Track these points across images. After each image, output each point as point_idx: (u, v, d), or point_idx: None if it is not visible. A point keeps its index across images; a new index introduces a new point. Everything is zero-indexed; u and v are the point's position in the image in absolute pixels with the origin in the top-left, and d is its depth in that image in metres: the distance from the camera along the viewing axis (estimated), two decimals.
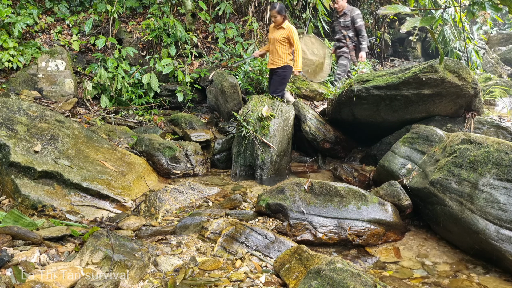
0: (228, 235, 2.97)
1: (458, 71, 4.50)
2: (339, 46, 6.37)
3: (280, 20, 5.48)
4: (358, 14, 6.16)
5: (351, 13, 6.17)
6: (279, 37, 5.52)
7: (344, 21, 6.21)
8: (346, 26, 6.21)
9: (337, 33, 6.39)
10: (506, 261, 2.76)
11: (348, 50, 6.28)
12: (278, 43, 5.55)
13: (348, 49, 6.28)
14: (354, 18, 6.16)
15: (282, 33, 5.53)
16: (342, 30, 6.26)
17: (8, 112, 3.84)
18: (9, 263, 2.28)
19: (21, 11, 6.90)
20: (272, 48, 5.66)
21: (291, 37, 5.52)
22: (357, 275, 2.15)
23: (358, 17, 6.18)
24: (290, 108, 5.46)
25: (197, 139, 5.31)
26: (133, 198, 3.84)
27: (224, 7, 7.62)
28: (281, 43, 5.54)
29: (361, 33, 6.19)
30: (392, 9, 1.93)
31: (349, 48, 6.27)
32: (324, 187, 3.51)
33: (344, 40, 6.26)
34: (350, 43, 6.24)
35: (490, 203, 2.93)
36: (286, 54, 5.61)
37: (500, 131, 4.65)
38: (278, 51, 5.57)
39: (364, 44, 6.19)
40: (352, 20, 6.17)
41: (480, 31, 12.63)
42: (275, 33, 5.58)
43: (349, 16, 6.20)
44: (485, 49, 10.98)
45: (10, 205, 3.26)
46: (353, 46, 6.27)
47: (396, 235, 3.41)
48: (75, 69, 7.06)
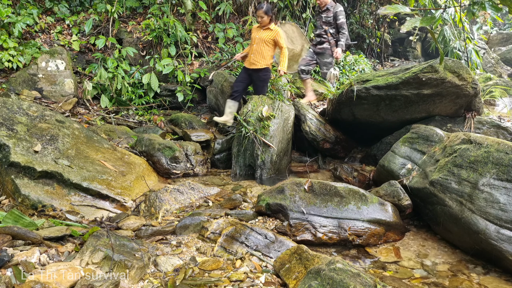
0: (228, 235, 2.97)
1: (458, 71, 4.50)
2: (320, 42, 6.25)
3: (266, 20, 5.44)
4: (341, 11, 6.06)
5: (334, 9, 6.06)
6: (266, 38, 5.47)
7: (326, 16, 6.10)
8: (328, 22, 6.11)
9: (318, 29, 6.27)
10: (506, 261, 2.76)
11: (330, 46, 6.17)
12: (264, 44, 5.49)
13: (330, 45, 6.17)
14: (336, 15, 6.05)
15: (269, 34, 5.48)
16: (324, 25, 6.16)
17: (8, 112, 3.84)
18: (9, 263, 2.28)
19: (21, 11, 6.90)
20: (256, 48, 5.56)
21: (279, 40, 5.49)
22: (357, 275, 2.15)
23: (341, 13, 6.07)
24: (290, 108, 5.46)
25: (197, 139, 5.31)
26: (133, 198, 3.84)
27: (224, 7, 7.63)
28: (267, 44, 5.50)
29: (342, 30, 6.09)
30: (392, 9, 1.93)
31: (331, 44, 6.16)
32: (324, 187, 3.51)
33: (325, 35, 6.15)
34: (332, 39, 6.15)
35: (490, 203, 2.93)
36: (270, 56, 5.58)
37: (500, 131, 4.65)
38: (263, 52, 5.52)
39: (342, 41, 6.07)
40: (335, 16, 6.06)
41: (480, 31, 12.64)
42: (261, 34, 5.52)
43: (332, 12, 6.09)
44: (485, 49, 10.99)
45: (10, 205, 3.26)
46: (335, 42, 6.17)
47: (396, 235, 3.41)
48: (75, 69, 7.06)
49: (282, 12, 8.51)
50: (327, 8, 6.07)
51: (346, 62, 8.27)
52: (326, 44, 6.16)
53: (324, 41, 6.17)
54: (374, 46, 10.82)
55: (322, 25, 6.16)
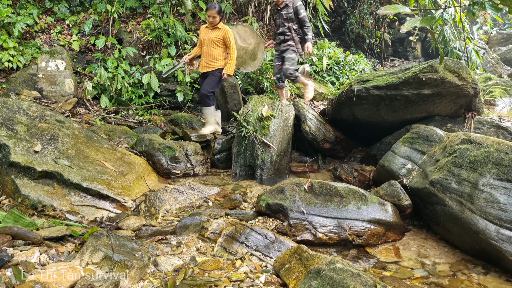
0: (228, 235, 2.97)
1: (458, 71, 4.50)
2: (284, 40, 5.95)
3: (217, 20, 5.23)
4: (300, 5, 5.83)
5: (294, 4, 5.80)
6: (215, 38, 5.24)
7: (287, 13, 5.82)
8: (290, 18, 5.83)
9: (280, 27, 5.94)
10: (506, 261, 2.76)
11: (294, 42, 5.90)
12: (214, 44, 5.27)
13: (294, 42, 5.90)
14: (297, 9, 5.78)
15: (218, 34, 5.25)
16: (285, 22, 5.86)
17: (8, 112, 3.84)
18: (9, 263, 2.28)
19: (21, 11, 6.90)
20: (206, 50, 5.33)
21: (227, 38, 5.25)
22: (357, 275, 2.15)
23: (301, 7, 5.83)
24: (290, 108, 5.46)
25: (197, 139, 5.31)
26: (133, 198, 3.84)
27: (224, 7, 7.62)
28: (217, 44, 5.28)
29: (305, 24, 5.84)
30: (392, 9, 1.93)
31: (295, 41, 5.89)
32: (324, 187, 3.51)
33: (289, 33, 5.86)
34: (296, 35, 5.88)
35: (490, 203, 2.93)
36: (222, 57, 5.37)
37: (500, 131, 4.65)
38: (214, 54, 5.30)
39: (309, 35, 5.84)
40: (296, 11, 5.79)
41: (480, 31, 12.64)
42: (210, 34, 5.27)
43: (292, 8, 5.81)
44: (485, 49, 10.99)
45: (10, 205, 3.26)
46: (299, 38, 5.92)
47: (396, 235, 3.41)
48: (75, 69, 7.06)
49: None
50: (286, 4, 5.82)
51: (346, 62, 8.27)
52: (290, 41, 5.89)
53: (288, 39, 5.88)
54: (374, 46, 10.82)
55: (283, 23, 5.88)
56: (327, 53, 8.17)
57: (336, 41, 9.69)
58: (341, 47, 9.72)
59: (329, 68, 7.98)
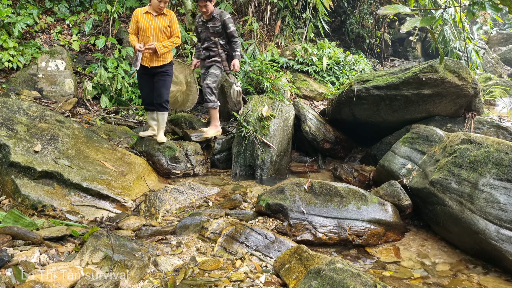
0: (228, 235, 2.97)
1: (458, 71, 4.51)
2: (209, 56, 5.35)
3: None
4: (229, 18, 5.21)
5: (222, 17, 5.18)
6: (163, 26, 4.54)
7: (213, 26, 5.21)
8: (216, 32, 5.24)
9: (206, 41, 5.33)
10: (506, 261, 2.76)
11: (221, 59, 5.32)
12: (163, 34, 4.57)
13: (221, 58, 5.32)
14: (225, 23, 5.18)
15: (165, 20, 4.56)
16: (212, 36, 5.27)
17: (8, 112, 3.84)
18: (9, 263, 2.28)
19: (21, 11, 6.90)
20: (153, 39, 4.54)
21: (174, 26, 4.62)
22: (357, 275, 2.15)
23: (230, 21, 5.21)
24: (290, 108, 5.46)
25: (197, 139, 5.30)
26: (133, 198, 3.84)
27: (224, 7, 7.62)
28: (165, 33, 4.59)
29: (233, 39, 5.25)
30: (392, 9, 1.93)
31: (222, 58, 5.32)
32: (324, 187, 3.51)
33: (215, 48, 5.29)
34: (222, 51, 5.31)
35: (490, 203, 2.93)
36: None
37: (500, 131, 4.65)
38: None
39: (238, 51, 5.26)
40: (224, 25, 5.19)
41: (480, 31, 12.64)
42: (157, 21, 4.54)
43: (219, 21, 5.19)
44: (485, 49, 10.99)
45: (10, 205, 3.26)
46: (226, 55, 5.36)
47: (396, 235, 3.41)
48: (75, 69, 7.06)
49: (282, 12, 8.52)
50: (213, 17, 5.20)
51: (346, 62, 8.27)
52: (216, 57, 5.33)
53: (213, 55, 5.33)
54: (374, 46, 10.82)
55: (210, 37, 5.29)
56: (327, 53, 8.17)
57: (336, 41, 9.69)
58: (341, 47, 9.71)
59: (329, 68, 7.97)
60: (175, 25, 4.60)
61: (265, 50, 7.78)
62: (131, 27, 4.63)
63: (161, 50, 4.49)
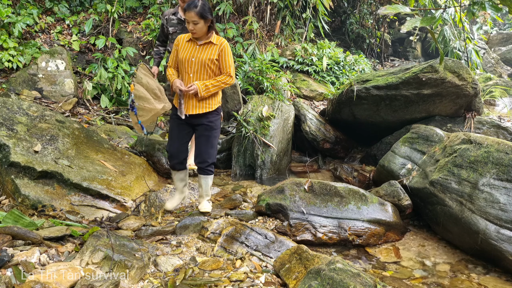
0: (228, 235, 2.97)
1: (458, 71, 4.50)
2: None
3: (203, 28, 3.09)
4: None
5: None
6: (207, 59, 3.14)
7: None
8: None
9: None
10: (506, 261, 2.76)
11: None
12: (206, 70, 3.17)
13: None
14: None
15: (212, 51, 3.15)
16: None
17: (8, 112, 3.84)
18: (9, 263, 2.28)
19: (21, 11, 6.89)
20: (194, 77, 3.18)
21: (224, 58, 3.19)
22: (357, 275, 2.15)
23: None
24: (290, 108, 5.46)
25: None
26: (133, 198, 3.84)
27: (224, 7, 7.62)
28: (212, 69, 3.19)
29: None
30: (392, 9, 1.93)
31: None
32: (324, 187, 3.51)
33: None
34: None
35: (490, 203, 2.93)
36: None
37: (500, 131, 4.65)
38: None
39: None
40: None
41: (480, 31, 12.64)
42: (200, 53, 3.15)
43: None
44: (485, 49, 10.99)
45: (10, 205, 3.26)
46: None
47: (396, 235, 3.41)
48: (75, 69, 7.06)
49: (282, 12, 8.51)
50: None
51: (346, 62, 8.26)
52: None
53: None
54: (374, 46, 10.81)
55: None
56: (327, 53, 8.16)
57: (336, 41, 9.68)
58: (341, 47, 9.71)
59: (329, 68, 7.97)
60: (226, 58, 3.18)
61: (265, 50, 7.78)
62: (170, 59, 3.35)
63: (203, 93, 3.12)
